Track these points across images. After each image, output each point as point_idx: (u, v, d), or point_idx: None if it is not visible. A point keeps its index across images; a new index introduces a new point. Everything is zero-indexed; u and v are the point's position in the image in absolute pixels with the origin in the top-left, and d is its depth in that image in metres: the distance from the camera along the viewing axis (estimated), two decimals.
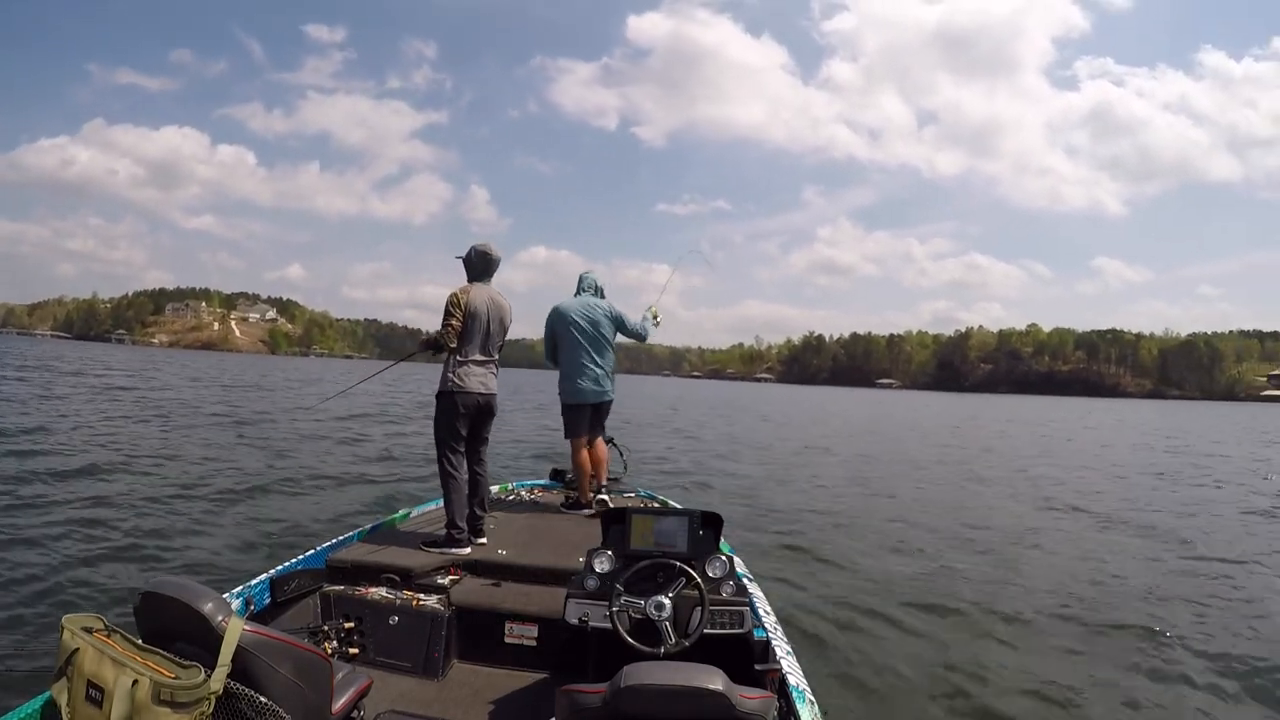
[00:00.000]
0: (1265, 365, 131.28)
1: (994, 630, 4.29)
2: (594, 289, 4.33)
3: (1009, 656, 3.90)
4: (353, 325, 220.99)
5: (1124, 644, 4.13)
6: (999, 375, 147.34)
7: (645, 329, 4.43)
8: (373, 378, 5.51)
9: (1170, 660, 3.90)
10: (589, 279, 4.36)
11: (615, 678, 1.44)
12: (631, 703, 1.39)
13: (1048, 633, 4.29)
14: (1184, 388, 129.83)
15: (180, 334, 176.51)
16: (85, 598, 3.93)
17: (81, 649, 1.41)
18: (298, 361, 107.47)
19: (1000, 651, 3.96)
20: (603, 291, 4.39)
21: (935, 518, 7.76)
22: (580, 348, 4.19)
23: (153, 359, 55.42)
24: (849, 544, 6.34)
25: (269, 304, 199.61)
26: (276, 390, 25.26)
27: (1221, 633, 4.34)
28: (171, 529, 5.48)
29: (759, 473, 11.09)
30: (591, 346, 4.19)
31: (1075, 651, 4.01)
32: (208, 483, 7.29)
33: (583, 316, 4.19)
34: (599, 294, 4.35)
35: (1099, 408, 60.17)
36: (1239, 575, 5.69)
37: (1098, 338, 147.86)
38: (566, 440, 4.31)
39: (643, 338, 4.45)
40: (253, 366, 56.25)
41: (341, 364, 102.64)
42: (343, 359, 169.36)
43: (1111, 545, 6.68)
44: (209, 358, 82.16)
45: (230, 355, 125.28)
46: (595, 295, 4.32)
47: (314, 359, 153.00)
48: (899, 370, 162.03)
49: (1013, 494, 9.88)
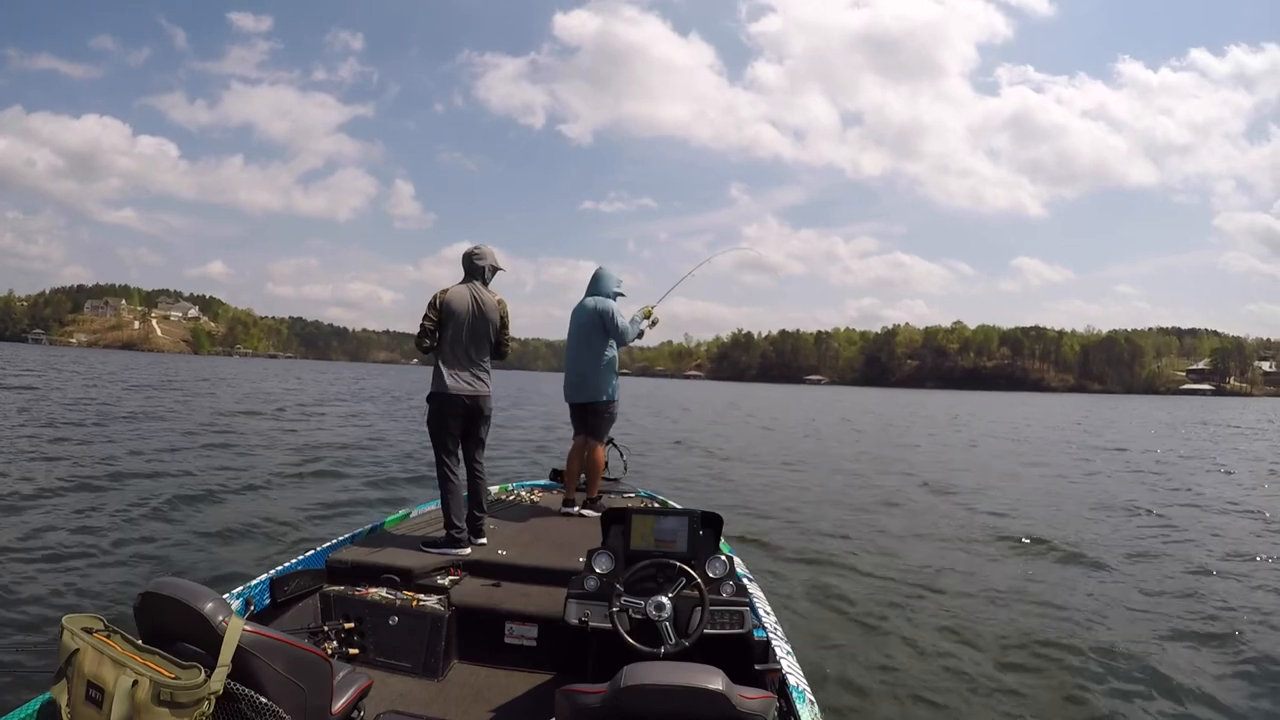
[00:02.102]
0: (1184, 360, 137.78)
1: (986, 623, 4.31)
2: (601, 286, 4.21)
3: (1008, 654, 3.91)
4: (277, 323, 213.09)
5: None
6: (925, 371, 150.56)
7: (627, 330, 4.14)
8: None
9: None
10: (598, 275, 4.23)
11: (615, 678, 1.44)
12: (631, 703, 1.39)
13: (1046, 628, 4.31)
14: (1105, 382, 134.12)
15: (100, 333, 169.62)
16: (85, 598, 3.93)
17: (81, 649, 1.41)
18: (223, 361, 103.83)
19: (999, 649, 3.98)
20: (600, 285, 4.20)
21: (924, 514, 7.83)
22: (570, 348, 4.24)
23: (88, 360, 53.66)
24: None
25: (191, 302, 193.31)
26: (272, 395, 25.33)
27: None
28: (171, 529, 5.48)
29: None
30: (577, 346, 4.18)
31: (1076, 650, 4.03)
32: (208, 482, 7.30)
33: (575, 316, 4.21)
34: (605, 289, 4.21)
35: (1019, 401, 62.25)
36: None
37: (1022, 334, 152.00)
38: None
39: (623, 340, 4.14)
40: (186, 366, 54.86)
41: (269, 364, 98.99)
42: (267, 358, 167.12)
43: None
44: (135, 358, 79.98)
45: (151, 355, 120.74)
46: (601, 292, 4.20)
47: (238, 358, 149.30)
48: (827, 366, 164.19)
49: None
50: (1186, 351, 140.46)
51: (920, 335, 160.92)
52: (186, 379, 32.63)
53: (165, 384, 27.31)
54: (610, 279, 4.24)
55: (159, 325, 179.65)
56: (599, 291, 4.22)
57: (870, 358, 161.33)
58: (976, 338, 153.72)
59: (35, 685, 2.19)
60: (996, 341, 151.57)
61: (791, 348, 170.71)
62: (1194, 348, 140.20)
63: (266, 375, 46.17)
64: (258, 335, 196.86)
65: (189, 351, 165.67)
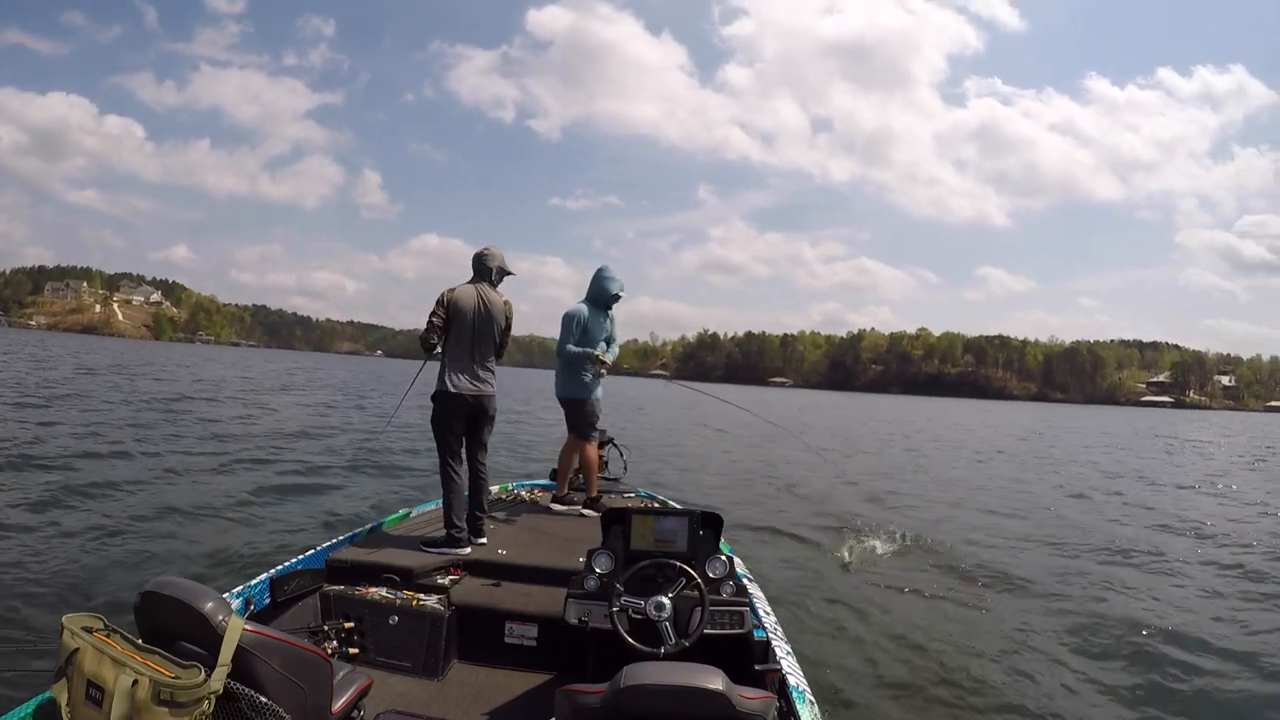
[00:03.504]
0: (1144, 373, 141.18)
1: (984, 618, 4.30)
2: (591, 287, 4.13)
3: (1006, 652, 3.91)
4: (240, 311, 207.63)
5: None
6: (889, 376, 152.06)
7: (562, 349, 4.05)
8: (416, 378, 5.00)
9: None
10: (595, 275, 4.14)
11: (615, 678, 1.44)
12: (631, 703, 1.39)
13: (1048, 624, 4.31)
14: (1067, 391, 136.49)
15: (60, 316, 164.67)
16: (85, 598, 3.93)
17: (81, 649, 1.41)
18: (185, 348, 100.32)
19: (995, 648, 3.97)
20: (591, 286, 4.11)
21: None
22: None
23: (71, 345, 51.97)
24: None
25: (153, 286, 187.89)
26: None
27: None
28: (171, 529, 5.48)
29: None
30: (559, 346, 4.14)
31: (1075, 648, 4.02)
32: (207, 483, 7.30)
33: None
34: (593, 290, 4.11)
35: (973, 408, 63.06)
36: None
37: (985, 343, 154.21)
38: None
39: (559, 352, 4.08)
40: (154, 353, 53.35)
41: (229, 352, 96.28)
42: (230, 346, 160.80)
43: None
44: (100, 342, 77.70)
45: (113, 340, 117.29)
46: (591, 294, 4.12)
47: (200, 345, 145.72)
48: (792, 369, 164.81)
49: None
50: (1148, 364, 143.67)
51: (885, 341, 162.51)
52: (184, 372, 32.57)
53: (154, 375, 27.31)
54: (603, 281, 4.10)
55: (120, 309, 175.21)
56: (590, 293, 4.13)
57: (835, 362, 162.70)
58: (941, 345, 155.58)
59: (35, 685, 2.19)
60: (961, 349, 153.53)
61: (757, 350, 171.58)
62: (1155, 360, 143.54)
63: (249, 366, 45.32)
64: (220, 322, 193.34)
65: (150, 337, 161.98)
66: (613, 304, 4.16)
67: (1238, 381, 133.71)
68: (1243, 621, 4.64)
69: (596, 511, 4.02)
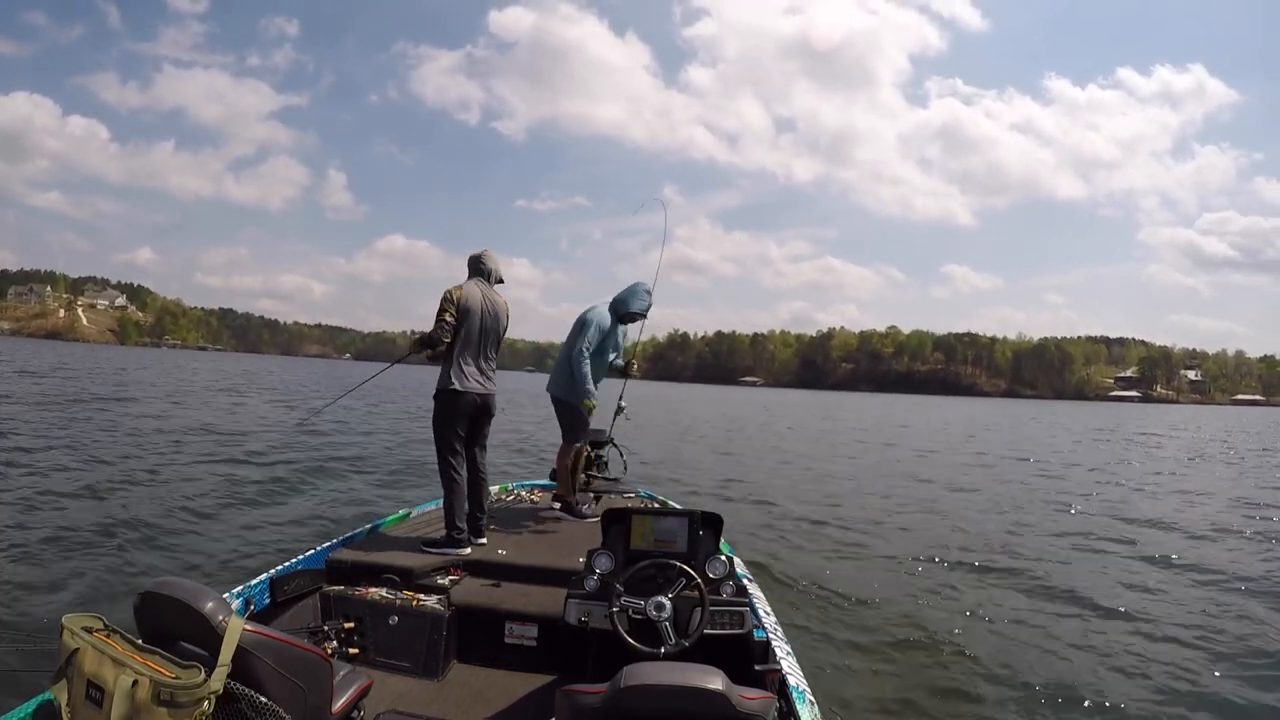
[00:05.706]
0: (1112, 368, 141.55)
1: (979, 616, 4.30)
2: (616, 298, 4.13)
3: (1005, 651, 3.91)
4: (207, 314, 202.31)
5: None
6: (860, 374, 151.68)
7: (579, 359, 3.93)
8: (368, 381, 4.93)
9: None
10: (629, 289, 4.12)
11: (615, 678, 1.44)
12: (631, 703, 1.39)
13: (1046, 625, 4.31)
14: (1037, 388, 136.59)
15: (23, 321, 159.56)
16: (85, 598, 3.93)
17: (81, 649, 1.41)
18: (152, 353, 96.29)
19: (995, 648, 3.97)
20: (617, 297, 4.11)
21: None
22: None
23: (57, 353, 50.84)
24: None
25: (119, 290, 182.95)
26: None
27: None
28: (171, 529, 5.48)
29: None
30: (565, 343, 4.13)
31: (1079, 645, 4.03)
32: (206, 482, 7.29)
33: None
34: (616, 302, 4.11)
35: (946, 405, 63.42)
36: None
37: (955, 340, 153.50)
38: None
39: (574, 356, 3.97)
40: (124, 359, 51.78)
41: (197, 357, 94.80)
42: (196, 350, 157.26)
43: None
44: (69, 348, 76.44)
45: (79, 345, 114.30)
46: (614, 303, 4.11)
47: (166, 349, 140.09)
48: (763, 368, 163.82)
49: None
50: (1115, 360, 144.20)
51: (855, 339, 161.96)
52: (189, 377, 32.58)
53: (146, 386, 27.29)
54: (637, 298, 4.07)
55: (85, 314, 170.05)
56: (614, 302, 4.11)
57: (805, 360, 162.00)
58: (911, 343, 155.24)
59: (35, 685, 2.19)
60: (930, 346, 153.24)
61: (727, 349, 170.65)
62: (1122, 356, 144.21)
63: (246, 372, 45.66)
64: (187, 326, 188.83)
65: (115, 342, 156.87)
66: (631, 321, 4.16)
67: (1204, 376, 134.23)
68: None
69: (570, 515, 4.01)
